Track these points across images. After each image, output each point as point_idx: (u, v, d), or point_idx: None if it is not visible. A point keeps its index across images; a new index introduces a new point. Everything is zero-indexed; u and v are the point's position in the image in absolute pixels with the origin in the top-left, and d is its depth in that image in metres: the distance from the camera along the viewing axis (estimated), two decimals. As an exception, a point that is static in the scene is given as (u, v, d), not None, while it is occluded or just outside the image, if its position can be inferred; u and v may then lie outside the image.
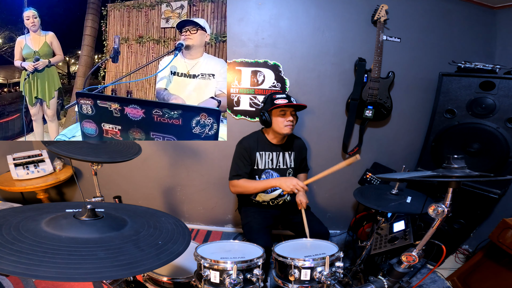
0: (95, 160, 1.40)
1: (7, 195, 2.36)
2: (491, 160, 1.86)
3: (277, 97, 1.70)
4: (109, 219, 0.86)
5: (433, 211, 0.98)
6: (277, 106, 1.65)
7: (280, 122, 1.69)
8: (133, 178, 2.55)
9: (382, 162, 2.35)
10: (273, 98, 1.70)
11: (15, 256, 0.62)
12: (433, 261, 1.43)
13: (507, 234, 1.53)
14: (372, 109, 2.15)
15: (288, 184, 1.57)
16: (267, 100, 1.74)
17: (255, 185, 1.70)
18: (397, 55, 2.15)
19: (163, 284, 1.25)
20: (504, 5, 2.11)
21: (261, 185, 1.69)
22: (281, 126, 1.70)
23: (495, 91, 1.84)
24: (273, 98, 1.70)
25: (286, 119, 1.69)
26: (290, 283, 1.16)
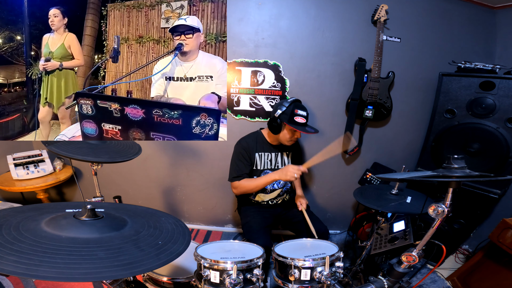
0: (95, 160, 1.40)
1: (7, 195, 2.36)
2: (491, 160, 1.86)
3: (299, 114, 1.65)
4: (109, 219, 0.86)
5: (433, 211, 0.98)
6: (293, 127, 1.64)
7: (288, 137, 1.71)
8: (133, 178, 2.55)
9: (382, 162, 2.35)
10: (294, 112, 1.65)
11: (15, 256, 0.62)
12: (433, 261, 1.42)
13: (507, 234, 1.53)
14: (372, 109, 2.15)
15: (287, 173, 1.55)
16: (287, 110, 1.65)
17: (256, 183, 1.70)
18: (397, 55, 2.15)
19: (163, 284, 1.25)
20: (504, 5, 2.11)
21: (262, 182, 1.69)
22: (287, 139, 1.72)
23: (495, 91, 1.84)
24: (295, 113, 1.65)
25: (295, 136, 1.71)
26: (290, 283, 1.16)
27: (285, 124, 1.66)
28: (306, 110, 1.70)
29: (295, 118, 1.64)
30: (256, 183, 1.70)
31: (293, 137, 1.71)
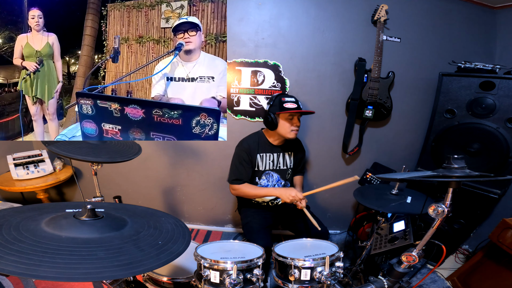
0: (95, 160, 1.40)
1: (7, 195, 2.36)
2: (491, 160, 1.85)
3: (286, 101, 1.65)
4: (109, 219, 0.86)
5: (433, 211, 0.97)
6: (286, 111, 1.62)
7: (287, 127, 1.67)
8: (133, 178, 2.55)
9: (382, 162, 2.35)
10: (281, 100, 1.65)
11: (15, 256, 0.62)
12: (433, 261, 1.42)
13: (507, 234, 1.53)
14: (372, 109, 2.15)
15: (288, 195, 1.59)
16: (274, 102, 1.67)
17: (255, 192, 1.70)
18: (397, 55, 2.15)
19: (163, 284, 1.25)
20: (504, 5, 2.11)
21: (262, 193, 1.70)
22: (288, 130, 1.68)
23: (495, 91, 1.84)
24: (282, 101, 1.64)
25: (293, 124, 1.68)
26: (290, 283, 1.16)
27: (278, 114, 1.65)
28: (294, 97, 1.70)
29: (285, 105, 1.63)
30: (256, 192, 1.70)
31: (293, 125, 1.67)
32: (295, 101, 1.67)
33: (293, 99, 1.67)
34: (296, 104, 1.66)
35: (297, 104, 1.66)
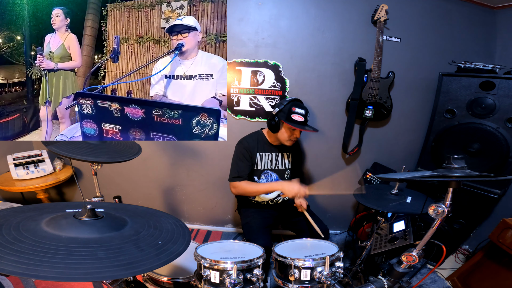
0: (95, 160, 1.40)
1: (7, 195, 2.36)
2: (491, 160, 1.85)
3: (296, 112, 1.61)
4: (109, 219, 0.86)
5: (433, 211, 0.98)
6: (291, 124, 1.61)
7: (286, 136, 1.68)
8: (133, 178, 2.55)
9: (382, 162, 2.35)
10: (291, 110, 1.62)
11: (15, 256, 0.62)
12: (433, 261, 1.42)
13: (507, 234, 1.53)
14: (372, 109, 2.15)
15: (291, 189, 1.57)
16: (284, 108, 1.64)
17: (256, 188, 1.70)
18: (397, 55, 2.15)
19: (163, 284, 1.25)
20: (504, 5, 2.11)
21: (263, 188, 1.69)
22: (286, 138, 1.69)
23: (495, 91, 1.84)
24: (292, 110, 1.61)
25: (293, 135, 1.69)
26: (290, 283, 1.16)
27: (283, 122, 1.65)
28: (306, 109, 1.66)
29: (293, 116, 1.61)
30: (257, 188, 1.70)
31: (292, 136, 1.68)
32: (304, 114, 1.64)
33: (303, 111, 1.63)
34: (304, 118, 1.63)
35: (305, 118, 1.64)
